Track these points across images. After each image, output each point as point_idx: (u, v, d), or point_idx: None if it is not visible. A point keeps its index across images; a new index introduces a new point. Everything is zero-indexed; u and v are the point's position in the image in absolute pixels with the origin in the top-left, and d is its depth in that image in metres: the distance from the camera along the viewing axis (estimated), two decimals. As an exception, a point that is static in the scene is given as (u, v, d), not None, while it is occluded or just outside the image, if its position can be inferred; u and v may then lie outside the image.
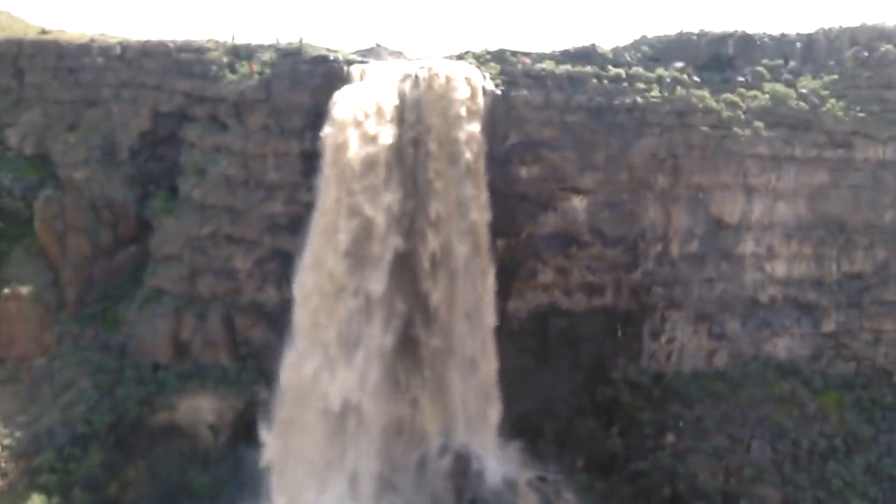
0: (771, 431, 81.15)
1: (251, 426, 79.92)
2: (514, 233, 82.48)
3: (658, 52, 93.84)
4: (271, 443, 77.46)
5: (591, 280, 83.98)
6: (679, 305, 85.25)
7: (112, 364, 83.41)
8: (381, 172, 75.67)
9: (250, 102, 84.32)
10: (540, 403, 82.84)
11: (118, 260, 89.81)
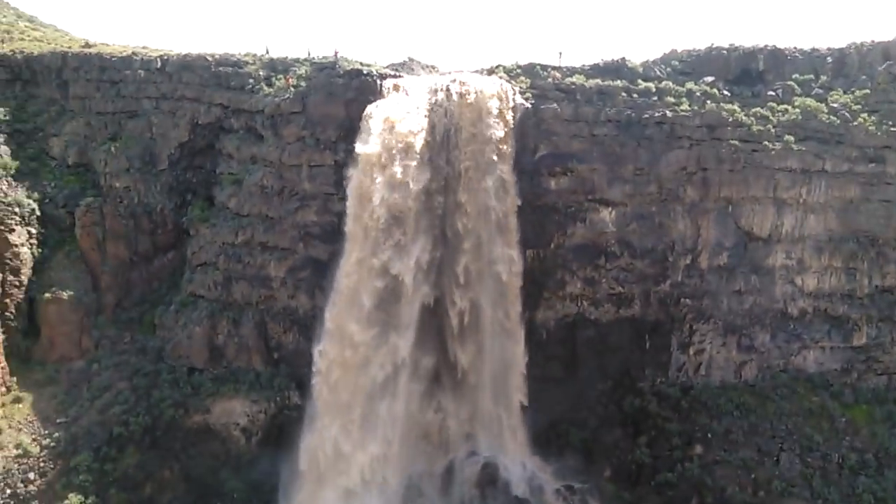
0: (800, 444, 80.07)
1: (283, 429, 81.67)
2: (543, 244, 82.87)
3: (688, 67, 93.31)
4: None
5: (620, 291, 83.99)
6: (708, 317, 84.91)
7: (148, 367, 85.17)
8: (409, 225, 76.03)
9: (286, 114, 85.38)
10: (567, 413, 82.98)
11: (156, 266, 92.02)
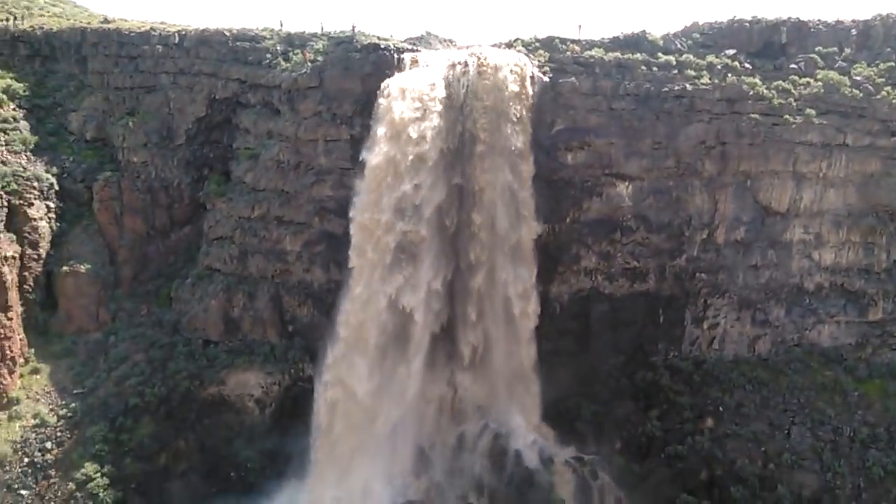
0: (812, 418, 79.54)
1: (296, 401, 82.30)
2: (558, 218, 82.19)
3: (709, 40, 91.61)
4: None
5: (635, 265, 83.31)
6: (723, 292, 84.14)
7: (164, 339, 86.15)
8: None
9: (302, 89, 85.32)
10: (579, 386, 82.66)
11: (172, 240, 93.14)
